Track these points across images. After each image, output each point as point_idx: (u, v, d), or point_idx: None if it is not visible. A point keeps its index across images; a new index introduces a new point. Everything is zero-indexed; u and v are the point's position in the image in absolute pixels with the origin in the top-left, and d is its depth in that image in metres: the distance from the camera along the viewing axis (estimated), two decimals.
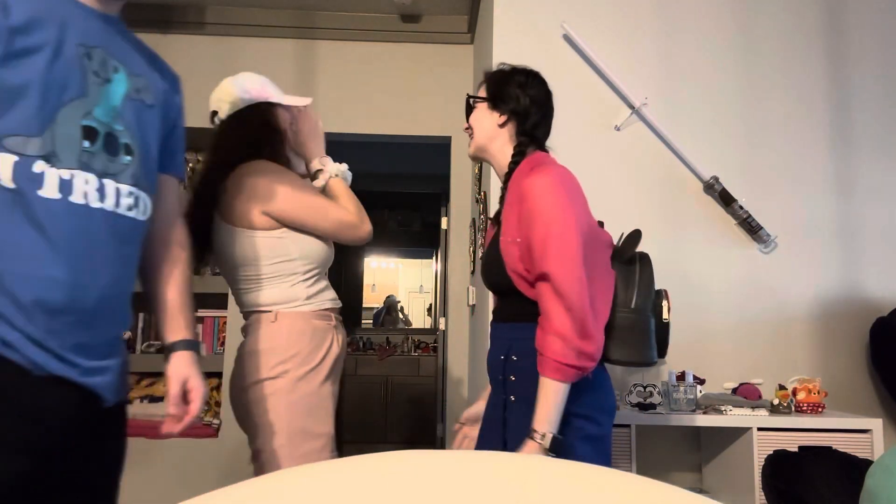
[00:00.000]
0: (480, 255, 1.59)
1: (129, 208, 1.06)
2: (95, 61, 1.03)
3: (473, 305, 3.15)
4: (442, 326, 4.89)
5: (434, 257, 6.30)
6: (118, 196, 1.04)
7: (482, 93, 1.51)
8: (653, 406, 2.21)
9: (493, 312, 1.54)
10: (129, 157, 1.06)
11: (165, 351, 1.20)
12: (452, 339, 3.65)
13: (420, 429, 5.29)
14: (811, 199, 2.55)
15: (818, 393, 2.23)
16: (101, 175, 1.01)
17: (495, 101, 1.48)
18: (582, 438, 1.30)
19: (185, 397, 1.17)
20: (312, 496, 0.51)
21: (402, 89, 3.61)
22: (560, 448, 1.23)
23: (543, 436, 1.22)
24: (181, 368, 1.17)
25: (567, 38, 2.57)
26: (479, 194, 2.97)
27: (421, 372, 5.40)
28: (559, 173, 1.36)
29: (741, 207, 2.47)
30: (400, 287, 6.48)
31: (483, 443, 1.48)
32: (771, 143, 2.58)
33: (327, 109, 3.50)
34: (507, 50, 2.55)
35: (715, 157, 2.54)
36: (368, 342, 5.79)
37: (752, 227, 2.48)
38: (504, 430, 1.38)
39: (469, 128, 1.51)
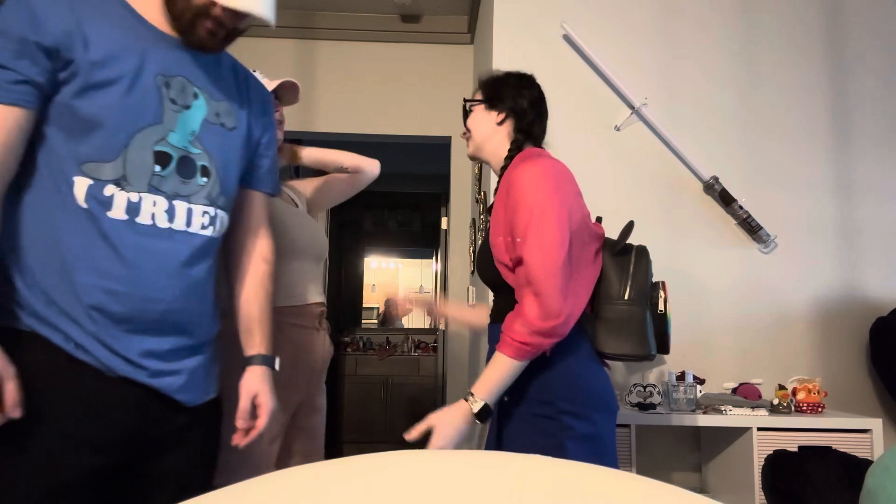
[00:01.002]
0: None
1: (203, 227, 1.13)
2: (174, 89, 1.09)
3: (473, 305, 3.15)
4: (442, 326, 4.89)
5: (434, 257, 6.30)
6: (189, 216, 1.11)
7: (478, 97, 1.53)
8: (653, 406, 2.21)
9: (491, 312, 1.54)
10: (205, 179, 1.13)
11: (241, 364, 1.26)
12: (452, 339, 3.65)
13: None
14: (811, 199, 2.55)
15: (818, 393, 2.23)
16: (172, 197, 1.08)
17: (492, 101, 1.50)
18: (573, 438, 1.28)
19: (253, 412, 1.22)
20: (312, 496, 0.51)
21: (403, 89, 3.61)
22: (486, 418, 1.26)
23: (477, 401, 1.25)
24: (253, 383, 1.21)
25: (567, 39, 2.57)
26: (479, 194, 2.97)
27: (421, 372, 5.40)
28: (548, 164, 1.36)
29: (741, 207, 2.47)
30: (400, 287, 6.48)
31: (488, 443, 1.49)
32: (771, 143, 2.58)
33: (327, 109, 3.50)
34: (507, 50, 2.55)
35: (715, 157, 2.54)
36: (368, 342, 5.79)
37: (752, 227, 2.48)
38: (499, 431, 1.38)
39: (467, 132, 1.53)
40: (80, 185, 1.01)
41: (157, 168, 1.06)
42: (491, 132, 1.49)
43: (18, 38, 0.98)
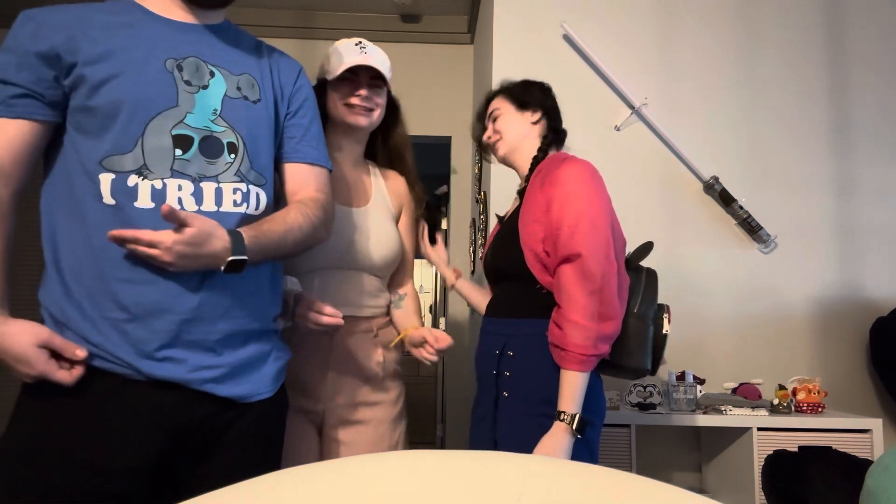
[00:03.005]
0: (481, 254, 1.61)
1: (236, 204, 1.09)
2: (187, 71, 1.08)
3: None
4: (442, 326, 4.89)
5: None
6: (219, 195, 1.07)
7: (500, 102, 1.58)
8: (653, 406, 2.21)
9: (488, 307, 1.55)
10: (232, 156, 1.09)
11: None
12: (452, 338, 3.65)
13: (420, 429, 5.29)
14: (811, 199, 2.55)
15: (818, 393, 2.23)
16: (198, 179, 1.05)
17: (523, 103, 1.55)
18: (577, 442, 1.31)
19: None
20: (312, 496, 0.51)
21: (402, 89, 3.59)
22: (585, 428, 1.27)
23: (571, 417, 1.26)
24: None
25: (567, 38, 2.57)
26: (479, 194, 2.97)
27: (421, 372, 5.40)
28: (592, 166, 1.42)
29: (741, 207, 2.47)
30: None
31: (475, 441, 1.49)
32: (771, 143, 2.58)
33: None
34: (507, 50, 2.55)
35: (715, 157, 2.54)
36: None
37: (752, 227, 2.48)
38: (494, 427, 1.38)
39: (495, 134, 1.57)
40: (105, 182, 1.01)
41: (178, 152, 1.04)
42: (526, 131, 1.54)
43: (21, 52, 1.01)
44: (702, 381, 2.32)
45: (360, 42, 1.53)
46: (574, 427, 1.25)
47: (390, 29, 3.59)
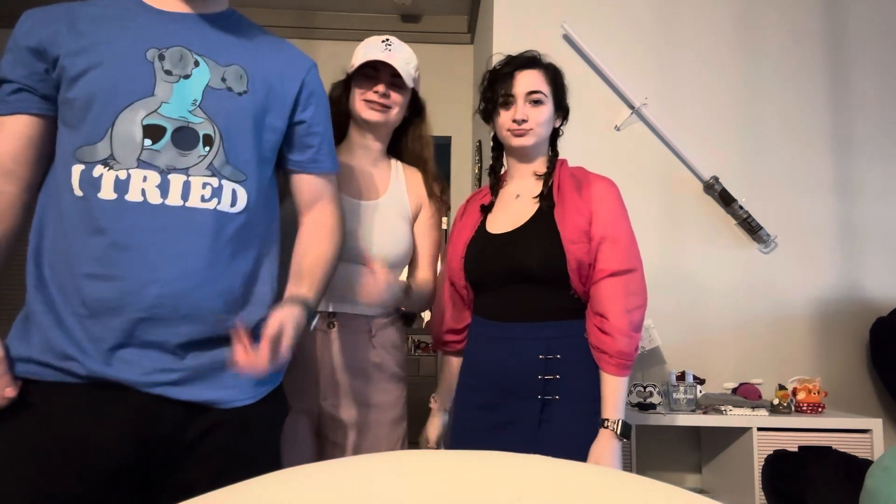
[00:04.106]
0: (461, 253, 1.53)
1: (204, 200, 1.03)
2: (169, 60, 1.04)
3: None
4: None
5: None
6: (186, 189, 1.01)
7: (543, 85, 1.49)
8: (653, 406, 2.21)
9: (503, 310, 1.44)
10: (207, 148, 1.04)
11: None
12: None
13: (420, 429, 5.27)
14: (811, 199, 2.55)
15: (818, 393, 2.23)
16: (167, 171, 1.01)
17: (559, 100, 1.53)
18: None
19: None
20: (312, 496, 0.51)
21: None
22: (629, 432, 1.32)
23: (616, 423, 1.31)
24: (282, 314, 1.05)
25: (567, 38, 2.57)
26: None
27: (421, 372, 5.39)
28: None
29: (741, 207, 2.47)
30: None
31: (491, 448, 1.46)
32: (771, 143, 2.58)
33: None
34: (507, 50, 2.54)
35: (715, 157, 2.54)
36: None
37: (752, 227, 2.48)
38: (539, 431, 1.36)
39: (524, 121, 1.46)
40: (76, 173, 0.99)
41: (148, 142, 1.00)
42: (548, 130, 1.52)
43: (17, 49, 1.02)
44: (702, 381, 2.32)
45: (388, 39, 1.53)
46: (618, 432, 1.31)
47: (390, 29, 3.59)
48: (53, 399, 0.96)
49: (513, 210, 1.50)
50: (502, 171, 1.61)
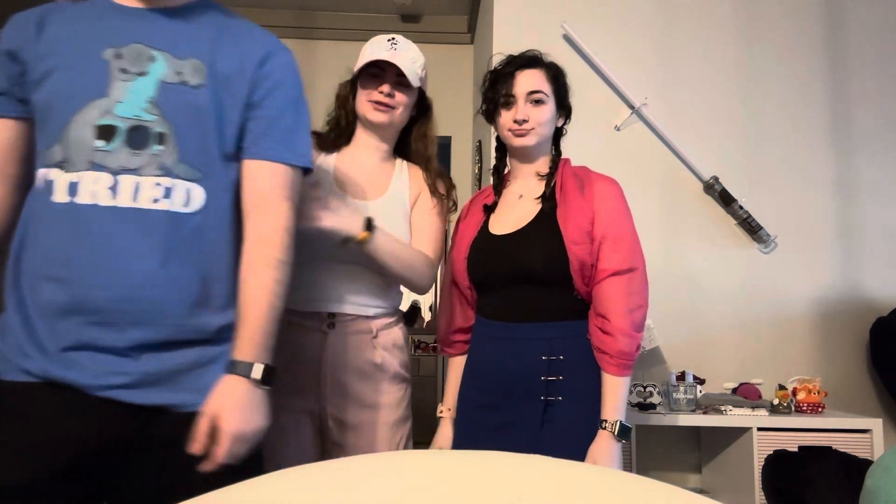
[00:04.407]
0: (464, 254, 1.52)
1: (154, 201, 0.99)
2: (127, 59, 1.02)
3: None
4: None
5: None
6: (137, 190, 0.99)
7: (545, 84, 1.48)
8: (653, 406, 2.21)
9: (505, 311, 1.44)
10: (160, 147, 1.01)
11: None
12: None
13: (420, 429, 5.27)
14: (811, 199, 2.55)
15: (818, 393, 2.23)
16: (118, 172, 0.99)
17: (562, 105, 1.53)
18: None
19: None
20: (313, 496, 0.51)
21: None
22: (627, 434, 1.33)
23: (614, 424, 1.31)
24: (214, 399, 0.99)
25: (567, 38, 2.57)
26: None
27: (421, 372, 5.39)
28: None
29: (741, 207, 2.47)
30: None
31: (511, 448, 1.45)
32: (771, 143, 2.58)
33: (328, 110, 3.50)
34: (507, 50, 2.54)
35: (715, 157, 2.54)
36: None
37: (752, 227, 2.48)
38: (541, 432, 1.36)
39: (525, 121, 1.46)
40: (40, 176, 1.00)
41: (100, 143, 0.98)
42: (551, 130, 1.52)
43: None
44: (702, 381, 2.31)
45: (394, 38, 1.52)
46: (616, 433, 1.31)
47: (390, 29, 3.57)
48: (16, 397, 0.96)
49: (515, 210, 1.49)
50: (506, 172, 1.60)
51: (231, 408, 0.97)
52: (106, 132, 0.99)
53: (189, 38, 1.07)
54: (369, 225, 1.35)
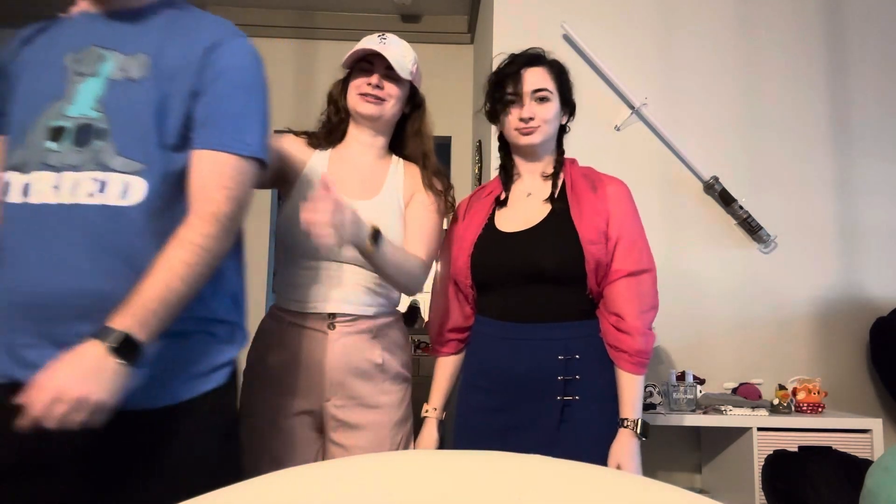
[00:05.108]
0: (468, 252, 1.50)
1: (90, 195, 0.99)
2: (83, 62, 1.06)
3: None
4: None
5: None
6: (76, 186, 1.00)
7: (549, 82, 1.49)
8: (653, 406, 2.21)
9: (517, 311, 1.42)
10: (100, 143, 1.01)
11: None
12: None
13: (420, 429, 5.26)
14: (811, 199, 2.55)
15: (818, 393, 2.23)
16: (61, 170, 1.01)
17: (566, 102, 1.53)
18: None
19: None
20: (313, 496, 0.51)
21: None
22: (648, 430, 1.34)
23: (635, 422, 1.33)
24: (64, 359, 0.92)
25: (567, 38, 2.57)
26: None
27: (421, 372, 5.38)
28: None
29: (741, 207, 2.47)
30: None
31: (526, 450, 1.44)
32: (771, 143, 2.57)
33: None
34: (507, 50, 2.54)
35: (715, 157, 2.54)
36: None
37: (752, 227, 2.48)
38: (559, 432, 1.35)
39: (531, 119, 1.46)
40: (2, 179, 1.04)
41: (52, 144, 1.01)
42: (556, 127, 1.52)
43: None
44: (702, 381, 2.31)
45: (383, 34, 1.52)
46: (638, 432, 1.33)
47: (390, 29, 3.56)
48: None
49: (524, 208, 1.48)
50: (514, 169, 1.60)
51: (67, 365, 0.90)
52: (56, 133, 1.02)
53: (138, 35, 1.08)
54: (375, 235, 1.32)
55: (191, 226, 1.02)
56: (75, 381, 0.88)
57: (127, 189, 1.01)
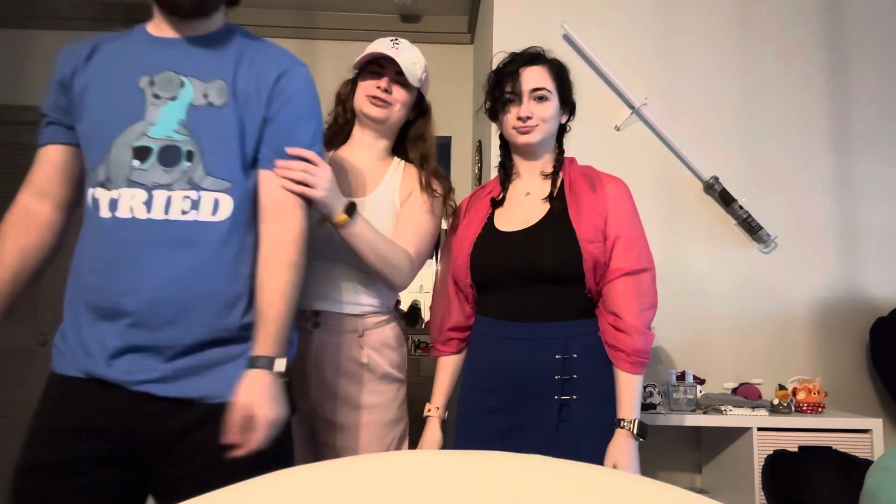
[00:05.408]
0: (467, 252, 1.50)
1: (183, 212, 1.10)
2: (158, 85, 1.14)
3: None
4: None
5: (434, 257, 6.29)
6: (168, 203, 1.10)
7: (548, 81, 1.49)
8: (653, 406, 2.21)
9: (515, 310, 1.42)
10: (188, 163, 1.12)
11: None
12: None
13: (420, 429, 5.26)
14: (811, 199, 2.55)
15: (818, 393, 2.23)
16: (152, 188, 1.10)
17: (565, 101, 1.53)
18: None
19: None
20: (313, 496, 0.51)
21: None
22: (646, 431, 1.33)
23: (632, 423, 1.32)
24: (244, 392, 1.08)
25: (567, 38, 2.57)
26: None
27: (421, 372, 5.38)
28: None
29: (741, 207, 2.47)
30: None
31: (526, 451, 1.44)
32: (771, 143, 2.57)
33: (328, 110, 3.50)
34: (507, 50, 2.55)
35: (715, 157, 2.54)
36: None
37: (752, 227, 2.48)
38: (558, 432, 1.35)
39: (529, 118, 1.46)
40: (89, 194, 1.13)
41: (136, 163, 1.10)
42: (555, 127, 1.52)
43: (51, 84, 1.18)
44: (702, 381, 2.31)
45: (396, 39, 1.53)
46: (635, 432, 1.32)
47: (390, 29, 3.59)
48: (68, 389, 1.10)
49: (523, 208, 1.48)
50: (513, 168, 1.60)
51: (262, 398, 1.07)
52: (141, 153, 1.11)
53: (214, 62, 1.17)
54: (350, 209, 1.34)
55: (285, 247, 1.16)
56: (275, 409, 1.08)
57: (217, 206, 1.13)
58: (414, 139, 1.60)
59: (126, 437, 1.08)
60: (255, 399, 1.07)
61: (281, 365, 1.11)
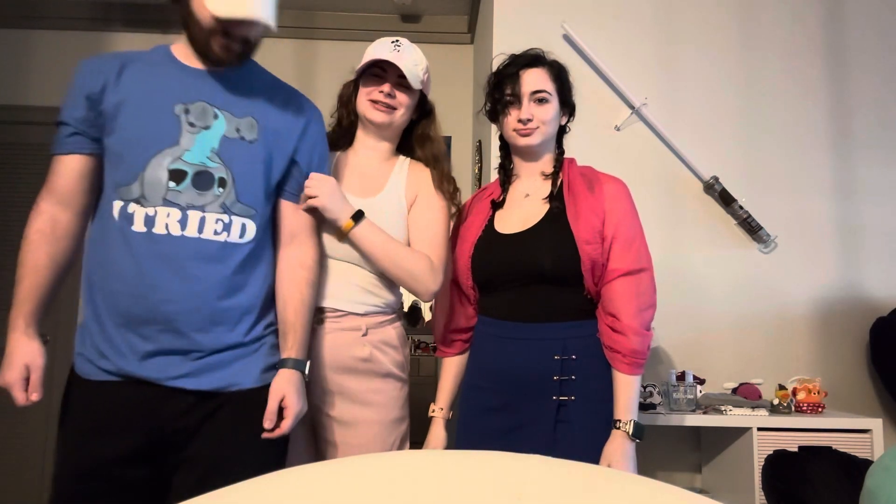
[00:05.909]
0: (469, 252, 1.51)
1: (216, 233, 1.23)
2: (193, 114, 1.24)
3: None
4: None
5: None
6: (202, 224, 1.22)
7: (548, 83, 1.49)
8: (653, 406, 2.21)
9: (515, 311, 1.43)
10: (221, 189, 1.24)
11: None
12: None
13: (420, 429, 5.26)
14: (811, 199, 2.55)
15: (818, 393, 2.23)
16: (186, 208, 1.21)
17: (565, 103, 1.53)
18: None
19: (281, 413, 1.27)
20: (312, 496, 0.51)
21: None
22: (643, 433, 1.33)
23: (628, 423, 1.32)
24: (280, 385, 1.28)
25: (567, 38, 2.57)
26: None
27: (421, 372, 5.38)
28: None
29: (741, 207, 2.47)
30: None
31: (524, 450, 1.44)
32: (771, 143, 2.57)
33: (328, 110, 3.50)
34: (507, 50, 2.54)
35: (715, 157, 2.54)
36: None
37: (752, 227, 2.48)
38: (556, 432, 1.35)
39: (530, 120, 1.46)
40: (116, 207, 1.21)
41: (172, 184, 1.20)
42: (555, 128, 1.52)
43: (74, 95, 1.23)
44: (702, 381, 2.31)
45: (397, 41, 1.52)
46: (631, 433, 1.32)
47: (390, 29, 3.59)
48: (95, 393, 1.20)
49: (523, 209, 1.49)
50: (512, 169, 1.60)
51: (293, 393, 1.27)
52: (177, 175, 1.21)
53: (244, 99, 1.30)
54: (358, 216, 1.43)
55: (308, 268, 1.37)
56: (301, 404, 1.29)
57: (244, 230, 1.27)
58: (420, 139, 1.61)
59: (155, 431, 1.20)
60: (290, 393, 1.26)
61: (307, 367, 1.33)
